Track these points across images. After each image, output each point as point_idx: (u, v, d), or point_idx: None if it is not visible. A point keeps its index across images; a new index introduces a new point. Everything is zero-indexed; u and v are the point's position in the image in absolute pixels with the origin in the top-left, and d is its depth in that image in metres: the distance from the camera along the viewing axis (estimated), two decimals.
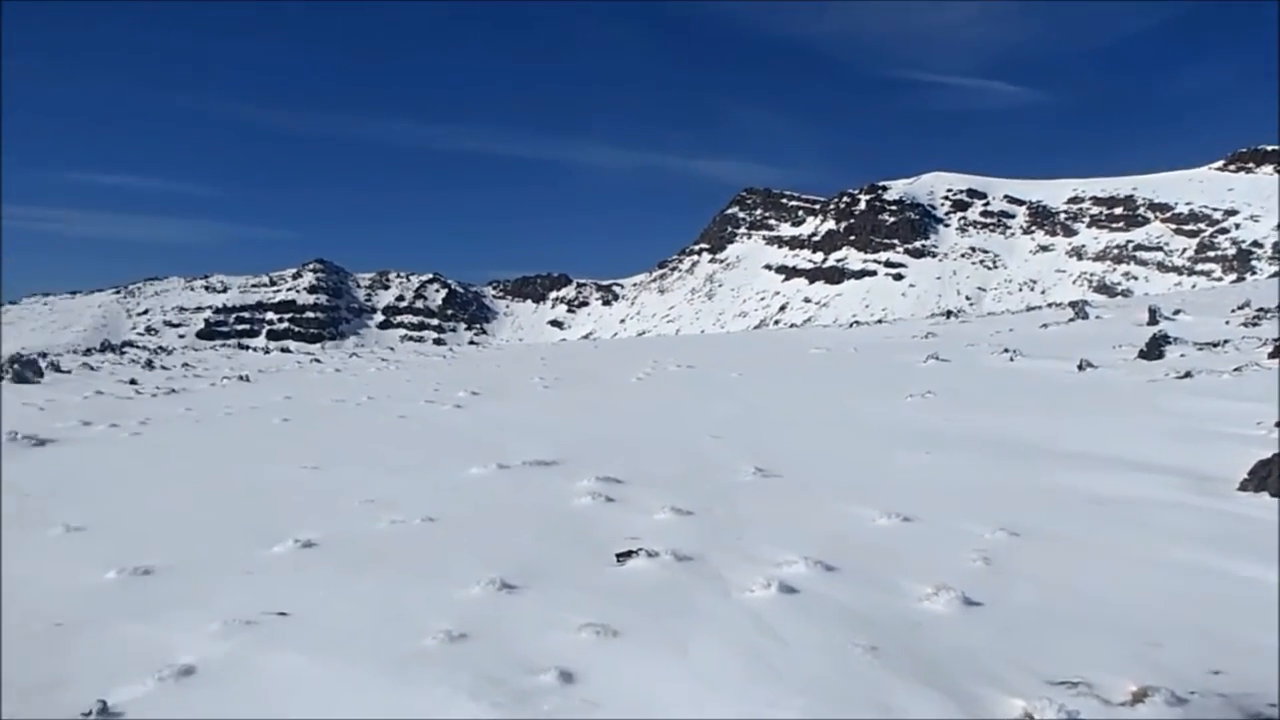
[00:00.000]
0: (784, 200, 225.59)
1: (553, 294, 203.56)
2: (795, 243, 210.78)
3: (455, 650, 4.51)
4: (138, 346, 38.96)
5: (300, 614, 5.01)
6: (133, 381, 19.50)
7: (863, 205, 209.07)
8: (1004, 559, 5.98)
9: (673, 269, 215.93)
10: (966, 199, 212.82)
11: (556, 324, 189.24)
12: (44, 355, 26.42)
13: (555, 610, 5.07)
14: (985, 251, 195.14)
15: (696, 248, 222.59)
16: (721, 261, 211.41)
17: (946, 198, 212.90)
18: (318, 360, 28.58)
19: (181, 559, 6.12)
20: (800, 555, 5.98)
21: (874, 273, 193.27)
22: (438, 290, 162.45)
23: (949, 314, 39.31)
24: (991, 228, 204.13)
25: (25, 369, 19.61)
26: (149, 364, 24.84)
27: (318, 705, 3.96)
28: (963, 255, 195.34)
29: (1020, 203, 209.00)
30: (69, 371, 21.70)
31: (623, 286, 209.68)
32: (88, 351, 31.46)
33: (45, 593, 5.47)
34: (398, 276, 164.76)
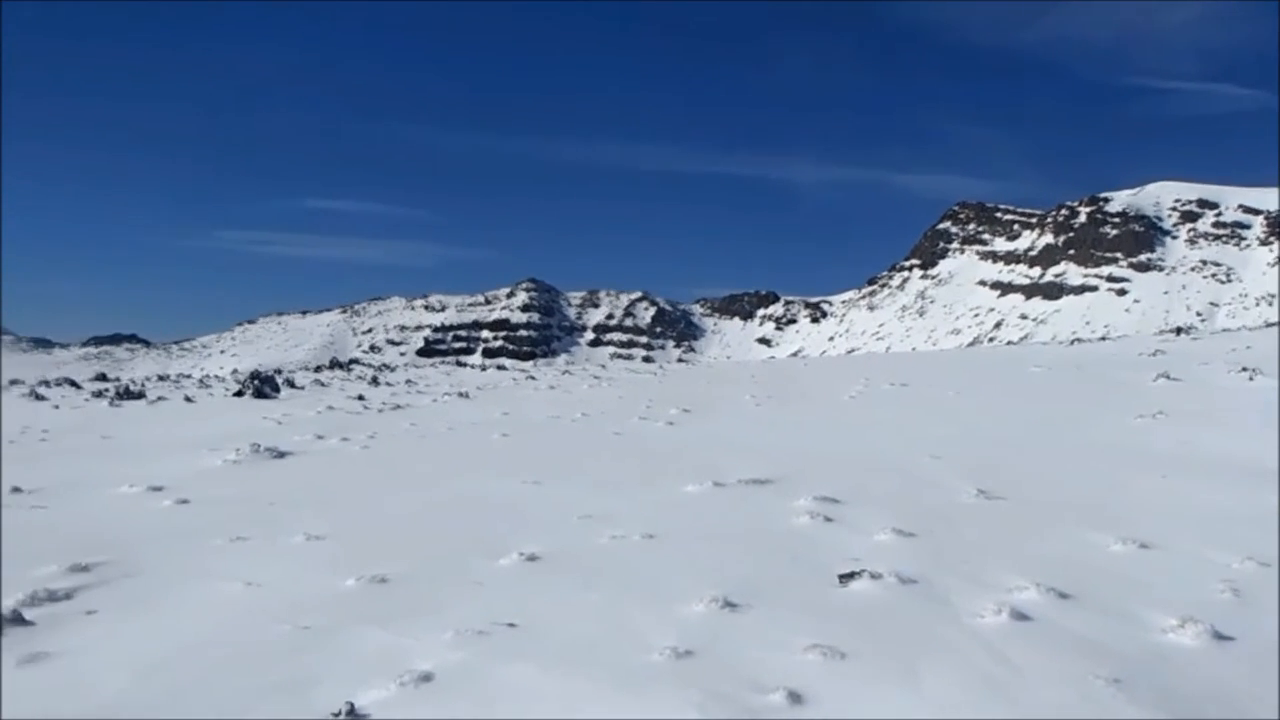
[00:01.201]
0: (998, 214, 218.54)
1: (760, 311, 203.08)
2: (1010, 257, 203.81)
3: (682, 666, 4.52)
4: (363, 364, 40.94)
5: (529, 625, 5.12)
6: (360, 397, 20.47)
7: (1082, 218, 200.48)
8: (1254, 590, 5.60)
9: (883, 285, 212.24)
10: (1196, 209, 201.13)
11: (764, 342, 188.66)
12: (279, 372, 28.13)
13: (779, 630, 5.02)
14: (1217, 264, 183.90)
15: (907, 264, 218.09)
16: (933, 278, 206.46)
17: (1174, 208, 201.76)
18: (532, 377, 29.33)
19: (414, 569, 6.35)
20: (1031, 581, 5.75)
21: (1095, 288, 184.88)
22: (646, 308, 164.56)
23: (1178, 330, 37.15)
24: (1224, 239, 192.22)
25: (264, 385, 20.90)
26: (374, 380, 26.04)
27: (549, 715, 4.03)
28: (1192, 269, 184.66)
29: (1256, 212, 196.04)
30: (302, 388, 22.99)
31: (831, 304, 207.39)
32: (318, 368, 33.28)
33: (292, 597, 5.76)
34: (607, 295, 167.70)
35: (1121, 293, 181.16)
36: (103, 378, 30.82)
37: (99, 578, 6.18)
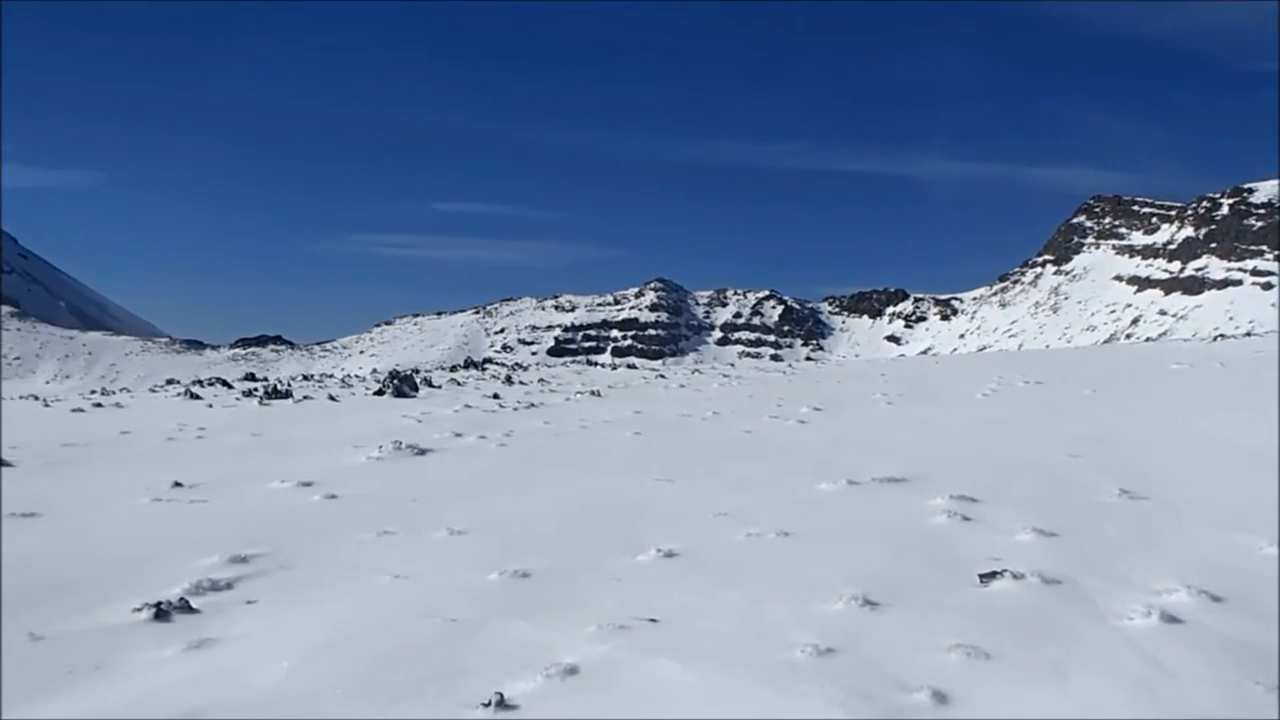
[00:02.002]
0: (1135, 207, 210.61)
1: (889, 309, 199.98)
2: (1148, 252, 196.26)
3: (824, 664, 4.53)
4: (497, 363, 41.68)
5: (669, 621, 5.19)
6: (495, 396, 20.87)
7: (1225, 209, 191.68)
8: None
9: (1014, 282, 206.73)
10: None
11: (893, 339, 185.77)
12: (416, 371, 28.84)
13: (921, 629, 4.99)
14: None
15: (1040, 259, 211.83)
16: (1067, 273, 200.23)
17: None
18: (662, 376, 29.48)
19: (554, 564, 6.49)
20: (1181, 583, 5.60)
21: (1239, 282, 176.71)
22: (774, 307, 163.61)
23: None
24: None
25: (403, 384, 21.48)
26: (508, 380, 26.51)
27: (696, 710, 4.08)
28: None
29: None
30: (439, 387, 23.54)
31: (961, 300, 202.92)
32: (453, 368, 34.02)
33: (438, 590, 5.94)
34: (735, 294, 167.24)
35: (1267, 286, 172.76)
36: (251, 377, 32.08)
37: (257, 569, 6.46)
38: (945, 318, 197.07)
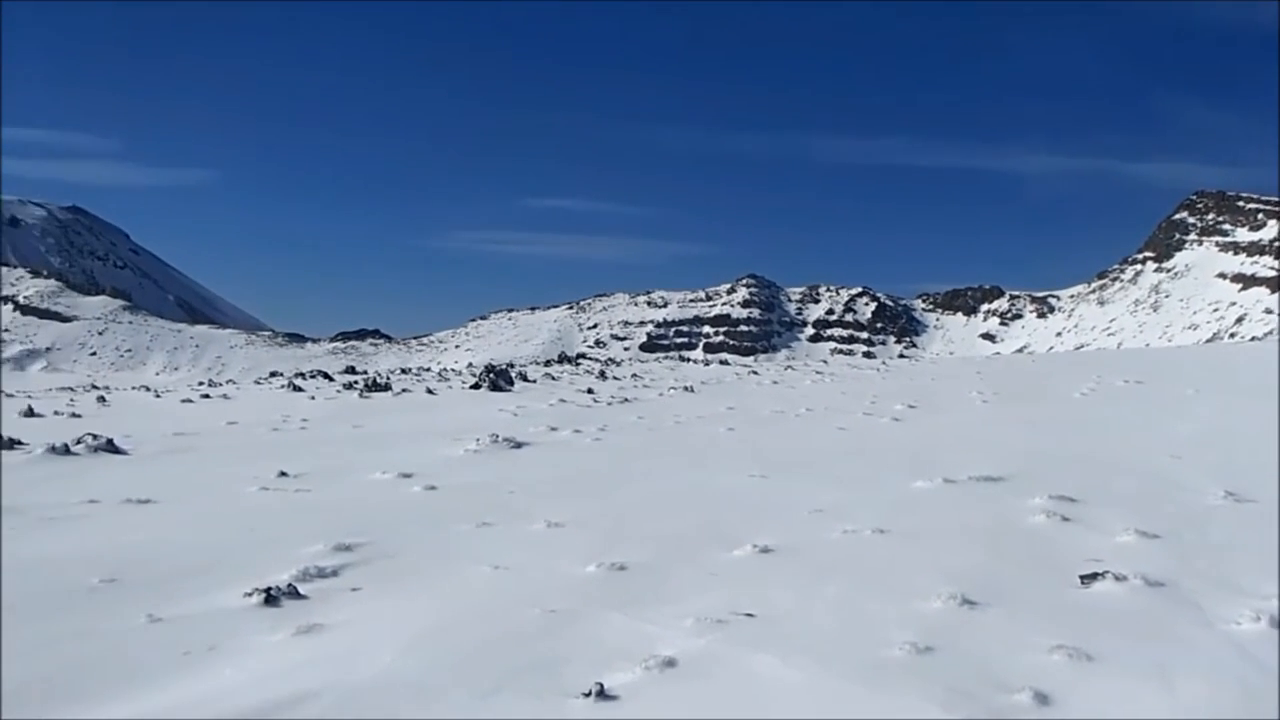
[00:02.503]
0: (1240, 203, 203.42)
1: (984, 306, 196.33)
2: (1254, 248, 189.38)
3: (923, 662, 4.51)
4: (590, 358, 41.97)
5: (767, 616, 5.21)
6: (590, 391, 21.05)
7: None
8: None
9: (1113, 279, 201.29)
10: None
11: (988, 337, 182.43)
12: (511, 366, 29.19)
13: (1021, 629, 4.94)
14: None
15: (1140, 256, 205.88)
16: (1168, 270, 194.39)
17: None
18: (755, 372, 29.43)
19: (651, 557, 6.54)
20: None
21: None
22: (867, 303, 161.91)
23: None
24: None
25: (499, 378, 21.77)
26: (602, 374, 26.71)
27: (794, 705, 4.10)
28: None
29: None
30: (534, 381, 23.81)
31: (1058, 298, 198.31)
32: (548, 363, 34.36)
33: (537, 581, 6.03)
34: (827, 290, 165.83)
35: None
36: (351, 370, 32.78)
37: (361, 557, 6.62)
38: (1042, 315, 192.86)
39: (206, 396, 22.16)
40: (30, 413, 17.20)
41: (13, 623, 5.08)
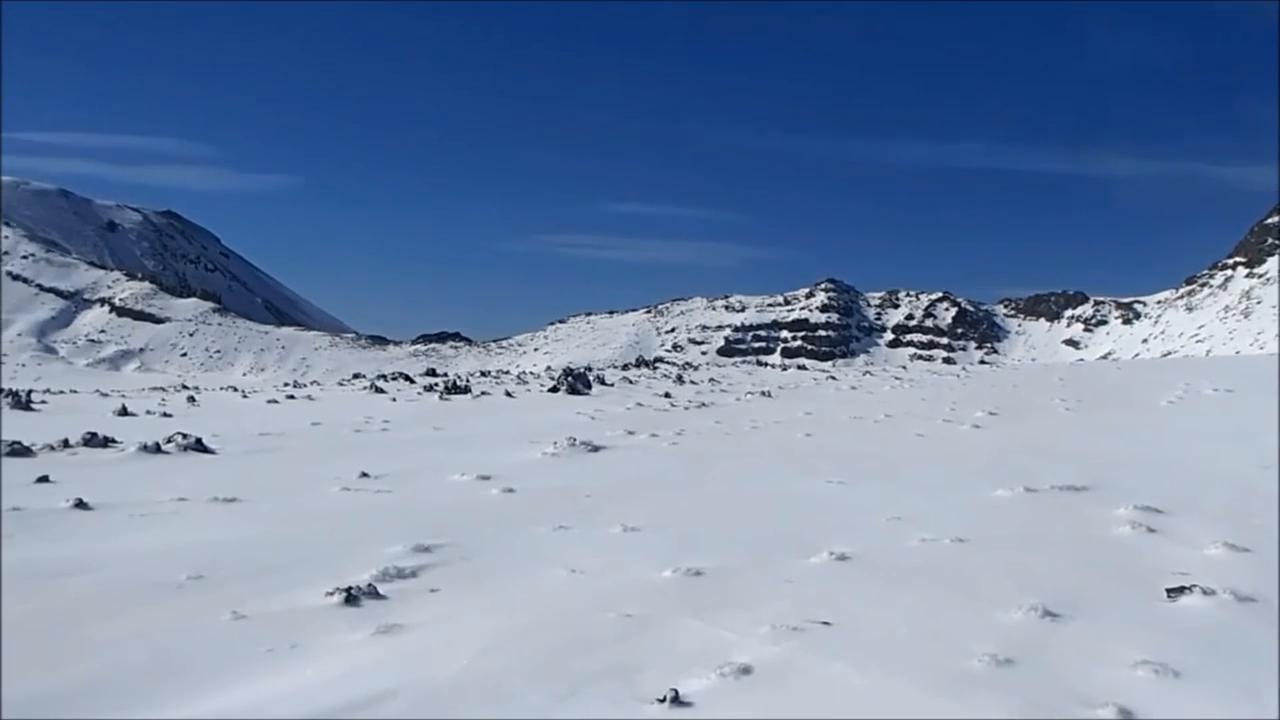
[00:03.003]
0: None
1: (1068, 312, 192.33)
2: None
3: (1002, 674, 4.44)
4: (667, 362, 42.03)
5: (842, 624, 5.17)
6: (667, 395, 21.06)
7: None
8: None
9: (1202, 285, 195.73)
10: None
11: (1072, 343, 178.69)
12: (589, 369, 29.34)
13: (1104, 642, 4.84)
14: None
15: (1230, 261, 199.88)
16: (1260, 276, 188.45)
17: None
18: (833, 378, 29.22)
19: (727, 563, 6.53)
20: None
21: None
22: (947, 309, 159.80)
23: None
24: None
25: (577, 382, 21.88)
26: (679, 379, 26.71)
27: (869, 715, 4.06)
28: None
29: None
30: (612, 385, 23.89)
31: (1144, 304, 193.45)
32: (625, 366, 34.47)
33: (613, 585, 6.05)
34: (907, 295, 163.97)
35: None
36: (432, 373, 33.21)
37: (439, 558, 6.70)
38: (1127, 321, 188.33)
39: (291, 397, 22.61)
40: (124, 412, 17.72)
41: (105, 616, 5.23)
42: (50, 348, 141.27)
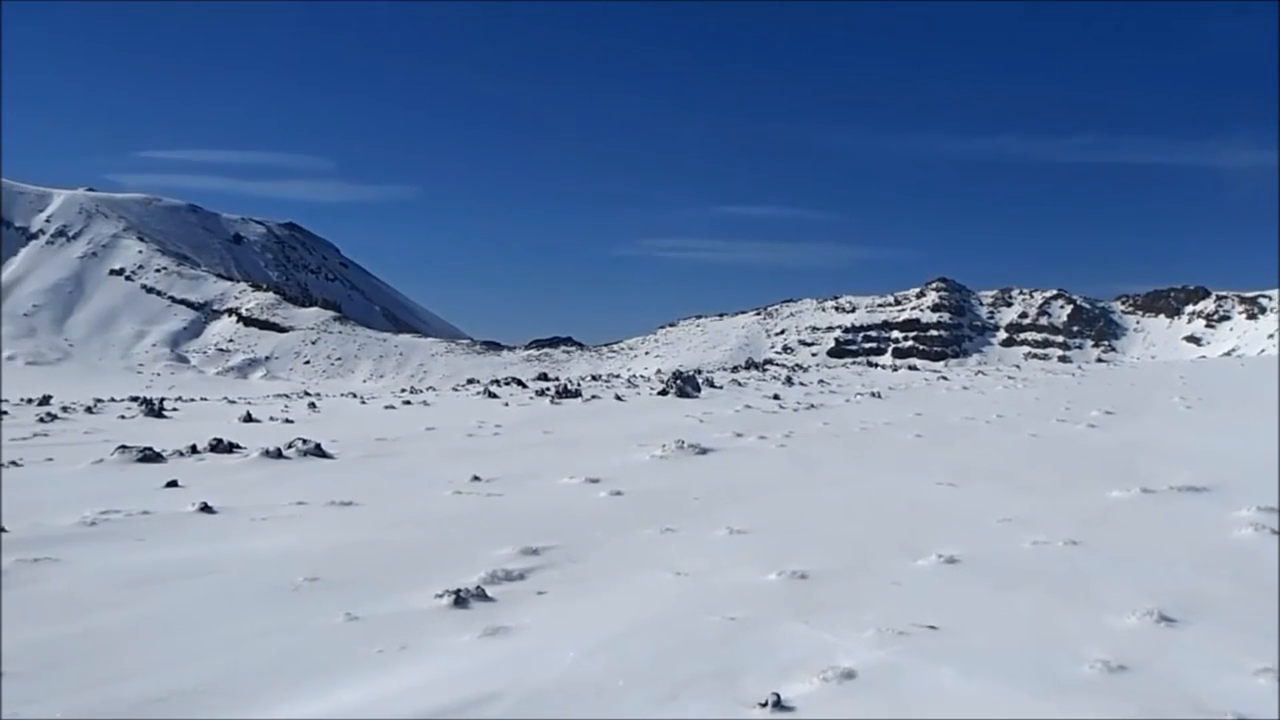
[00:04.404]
0: None
1: (1188, 308, 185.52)
2: None
3: (1116, 681, 4.33)
4: (777, 364, 41.83)
5: (950, 629, 5.10)
6: (776, 397, 20.97)
7: None
8: None
9: None
10: None
11: (1193, 340, 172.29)
12: (699, 372, 29.37)
13: (1225, 650, 4.69)
14: None
15: None
16: None
17: None
18: (944, 378, 28.75)
19: (833, 565, 6.49)
20: None
21: None
22: (1062, 306, 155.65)
23: None
24: None
25: (686, 385, 21.92)
26: (788, 380, 26.57)
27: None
28: None
29: None
30: (721, 387, 23.87)
31: (1270, 298, 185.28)
32: (735, 369, 34.41)
33: (718, 588, 6.06)
34: (1020, 293, 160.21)
35: None
36: (544, 377, 33.64)
37: (547, 561, 6.79)
38: (1251, 316, 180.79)
39: (408, 403, 23.12)
40: (249, 418, 18.36)
41: (226, 617, 5.44)
42: (183, 357, 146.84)
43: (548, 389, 24.97)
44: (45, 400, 24.33)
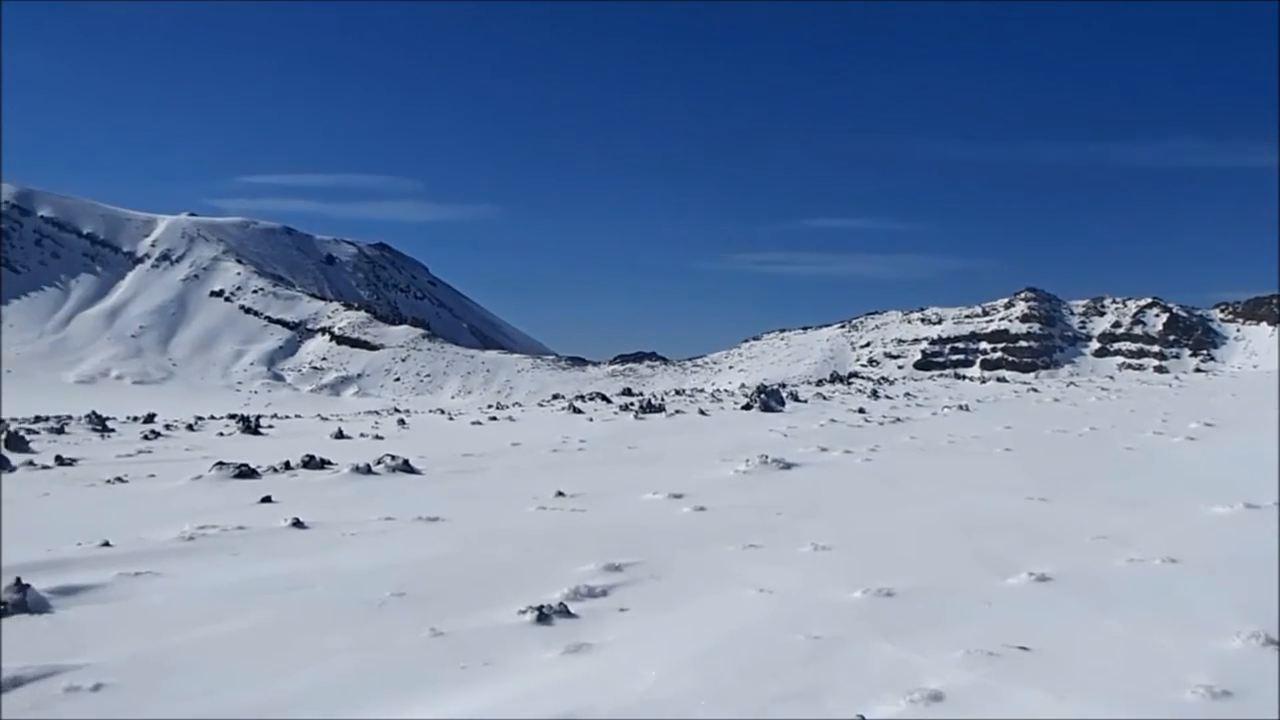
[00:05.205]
0: None
1: None
2: None
3: (1219, 707, 4.17)
4: (862, 377, 41.41)
5: (1042, 650, 4.96)
6: (861, 410, 20.74)
7: None
8: None
9: None
10: None
11: None
12: (783, 386, 29.17)
13: None
14: None
15: None
16: None
17: None
18: (1034, 390, 28.19)
19: (920, 583, 6.37)
20: None
21: None
22: (1157, 315, 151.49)
23: None
24: None
25: (770, 399, 21.79)
26: (874, 394, 26.27)
27: None
28: None
29: None
30: (805, 401, 23.69)
31: None
32: (819, 382, 34.13)
33: (802, 606, 5.99)
34: (1113, 302, 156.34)
35: None
36: (628, 392, 33.73)
37: (630, 577, 6.77)
38: None
39: (494, 419, 23.33)
40: (340, 435, 18.69)
41: (315, 631, 5.52)
42: (279, 375, 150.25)
43: (631, 404, 25.01)
44: (150, 418, 25.10)
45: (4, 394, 74.83)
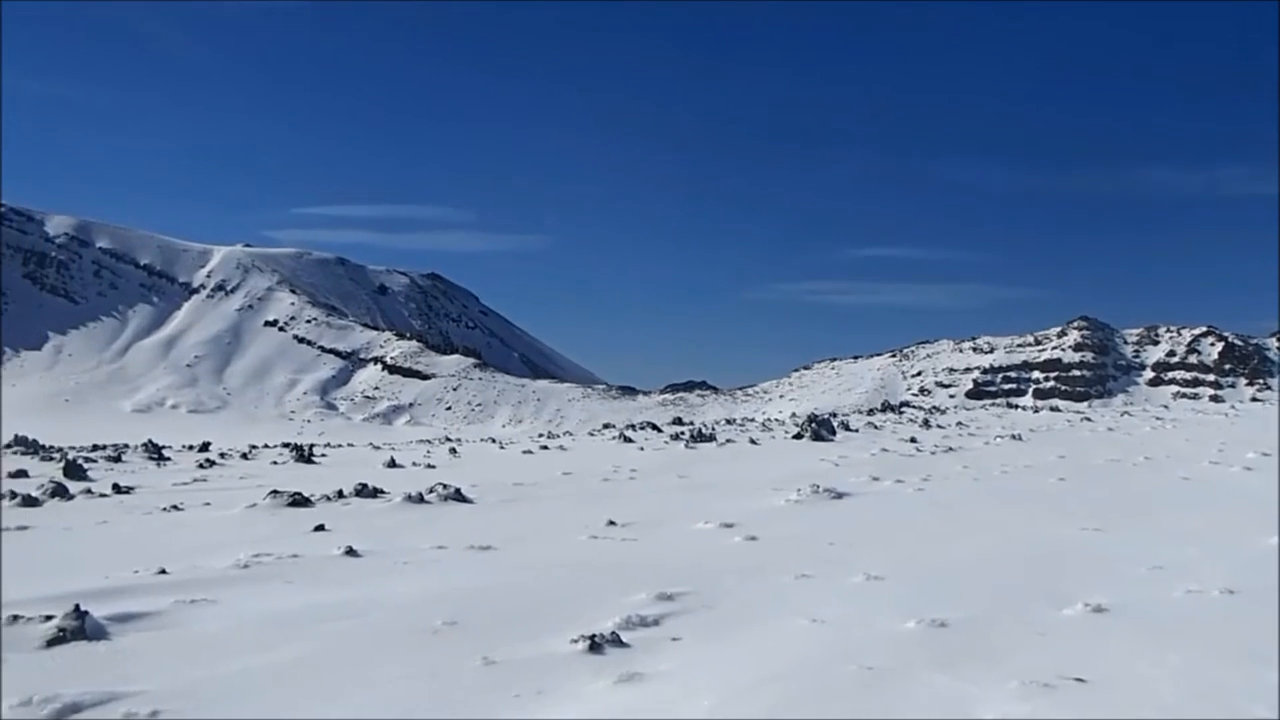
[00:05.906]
0: None
1: None
2: None
3: None
4: (914, 406, 41.15)
5: (1099, 682, 4.92)
6: (912, 439, 20.62)
7: None
8: None
9: None
10: None
11: None
12: (834, 415, 29.06)
13: None
14: None
15: None
16: None
17: None
18: (1087, 419, 27.85)
19: (974, 614, 6.33)
20: None
21: None
22: (1212, 344, 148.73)
23: None
24: None
25: (821, 428, 21.73)
26: (926, 423, 26.10)
27: None
28: None
29: None
30: (856, 430, 23.59)
31: None
32: (870, 411, 33.94)
33: (855, 636, 5.97)
34: (1167, 331, 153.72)
35: None
36: (679, 421, 33.73)
37: (682, 606, 6.79)
38: None
39: (545, 448, 23.44)
40: (392, 464, 18.87)
41: (369, 659, 5.59)
42: (331, 405, 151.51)
43: (682, 433, 25.03)
44: (205, 447, 25.52)
45: (64, 423, 76.11)
